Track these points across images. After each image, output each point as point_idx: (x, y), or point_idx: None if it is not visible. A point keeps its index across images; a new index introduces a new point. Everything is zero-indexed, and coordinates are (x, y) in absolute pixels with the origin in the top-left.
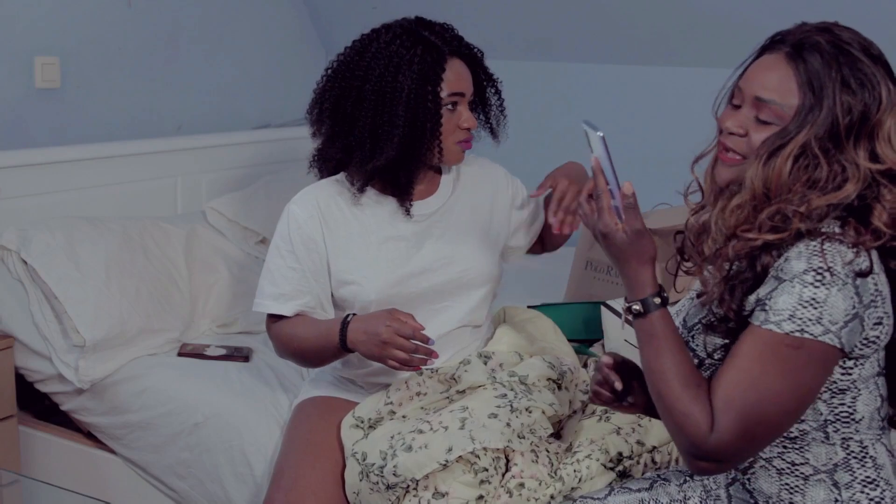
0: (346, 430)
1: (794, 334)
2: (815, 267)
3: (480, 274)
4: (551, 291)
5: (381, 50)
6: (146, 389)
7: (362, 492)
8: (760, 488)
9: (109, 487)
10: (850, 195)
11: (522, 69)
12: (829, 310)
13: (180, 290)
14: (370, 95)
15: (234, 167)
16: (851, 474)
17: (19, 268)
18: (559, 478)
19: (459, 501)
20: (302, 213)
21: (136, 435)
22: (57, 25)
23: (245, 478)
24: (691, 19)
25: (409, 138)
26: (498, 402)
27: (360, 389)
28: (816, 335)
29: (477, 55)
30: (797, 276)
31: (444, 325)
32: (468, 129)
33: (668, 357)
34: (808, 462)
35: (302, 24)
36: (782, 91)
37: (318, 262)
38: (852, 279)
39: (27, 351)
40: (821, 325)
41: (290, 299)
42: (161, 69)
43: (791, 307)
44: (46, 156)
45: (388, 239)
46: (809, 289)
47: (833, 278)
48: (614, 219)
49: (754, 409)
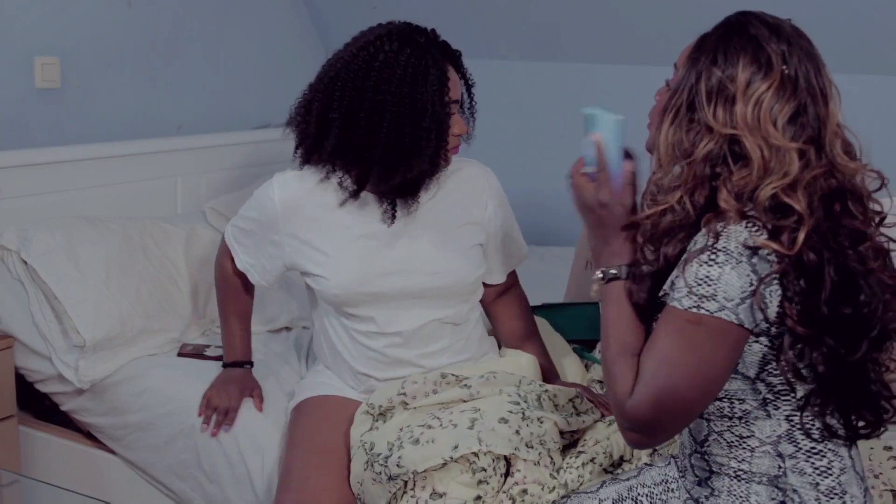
0: (358, 416)
1: (692, 310)
2: (710, 245)
3: (451, 281)
4: (551, 292)
5: (389, 61)
6: (146, 390)
7: (365, 482)
8: (714, 457)
9: (109, 487)
10: (698, 156)
11: (522, 69)
12: (723, 287)
13: (180, 290)
14: (392, 108)
15: (234, 167)
16: (795, 445)
17: (19, 268)
18: (563, 483)
19: (457, 502)
20: (278, 194)
21: (135, 436)
22: (57, 25)
23: (243, 479)
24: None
25: (435, 150)
26: (510, 408)
27: (357, 386)
28: (712, 311)
29: (461, 65)
30: (694, 254)
31: (415, 320)
32: (458, 135)
33: (620, 323)
34: (753, 435)
35: (302, 24)
36: (682, 61)
37: (267, 239)
38: (747, 257)
39: (27, 351)
40: (716, 301)
41: (244, 251)
42: (161, 69)
43: (689, 285)
44: (46, 156)
45: (361, 236)
46: (704, 267)
47: (725, 256)
48: (611, 191)
49: (665, 383)
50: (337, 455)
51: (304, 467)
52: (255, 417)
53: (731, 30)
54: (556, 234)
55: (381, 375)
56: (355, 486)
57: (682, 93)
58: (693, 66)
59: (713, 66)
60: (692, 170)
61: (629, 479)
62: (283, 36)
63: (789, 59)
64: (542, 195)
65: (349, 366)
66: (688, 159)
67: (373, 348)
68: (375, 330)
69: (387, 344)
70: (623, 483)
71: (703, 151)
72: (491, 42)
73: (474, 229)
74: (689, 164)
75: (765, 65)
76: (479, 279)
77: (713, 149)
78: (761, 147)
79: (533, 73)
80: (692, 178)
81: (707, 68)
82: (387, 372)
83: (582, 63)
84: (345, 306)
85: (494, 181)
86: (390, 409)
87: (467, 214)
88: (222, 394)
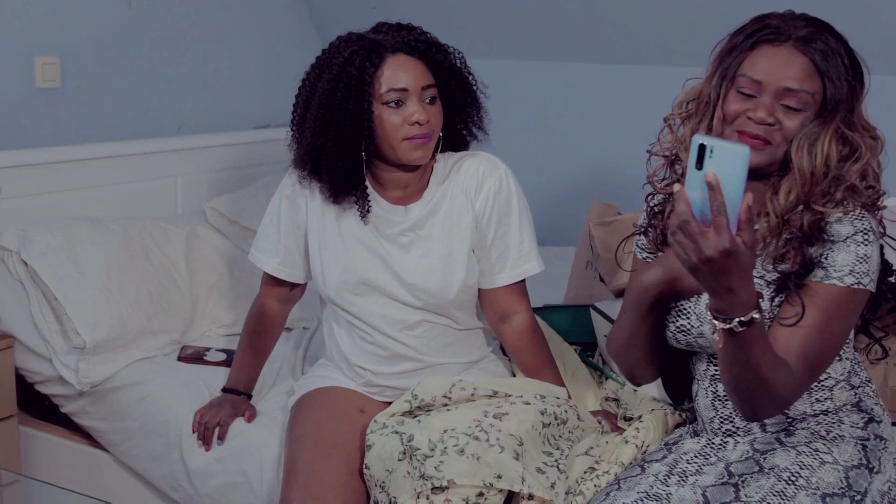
0: (398, 402)
1: (854, 286)
2: (861, 229)
3: (436, 299)
4: (551, 292)
5: (321, 61)
6: (146, 397)
7: (396, 471)
8: (794, 407)
9: (109, 487)
10: (869, 160)
11: (522, 69)
12: (872, 264)
13: (180, 291)
14: (315, 108)
15: (234, 167)
16: (858, 377)
17: (19, 268)
18: (579, 491)
19: (460, 496)
20: (290, 183)
21: (134, 442)
22: (57, 25)
23: (241, 487)
24: (691, 19)
25: (369, 143)
26: (545, 459)
27: (356, 379)
28: (866, 285)
29: (430, 48)
30: (849, 237)
31: (409, 316)
32: (417, 123)
33: (763, 348)
34: (829, 376)
35: (302, 23)
36: (807, 80)
37: (291, 223)
38: (877, 237)
39: (27, 352)
40: (868, 276)
41: (270, 254)
42: (161, 69)
43: (850, 263)
44: (46, 156)
45: (356, 241)
46: (862, 247)
47: (873, 235)
48: (733, 234)
49: (820, 354)
50: (343, 449)
51: (310, 462)
52: (253, 427)
53: (834, 44)
54: (557, 234)
55: (377, 369)
56: (381, 472)
57: (838, 113)
58: (836, 84)
59: (849, 79)
60: (846, 175)
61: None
62: (283, 36)
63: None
64: (543, 195)
65: (346, 358)
66: (854, 163)
67: (368, 341)
68: (370, 324)
69: (381, 339)
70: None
71: (867, 159)
72: (491, 42)
73: (464, 234)
74: (854, 164)
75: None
76: (466, 290)
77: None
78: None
79: (532, 72)
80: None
81: (846, 82)
82: (383, 366)
83: (581, 63)
84: (334, 302)
85: (495, 176)
86: (431, 406)
87: (459, 217)
88: (214, 410)
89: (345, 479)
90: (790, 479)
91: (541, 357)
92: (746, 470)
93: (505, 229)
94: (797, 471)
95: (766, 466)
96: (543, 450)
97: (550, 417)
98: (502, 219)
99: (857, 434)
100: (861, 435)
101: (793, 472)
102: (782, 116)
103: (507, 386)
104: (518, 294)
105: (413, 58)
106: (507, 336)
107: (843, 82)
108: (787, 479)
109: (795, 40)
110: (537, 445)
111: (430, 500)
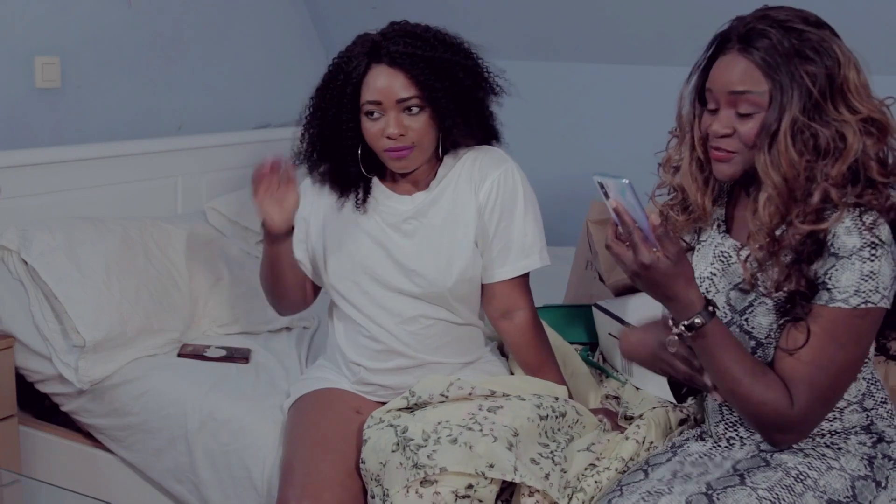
0: (396, 399)
1: (860, 307)
2: (870, 242)
3: (435, 288)
4: (552, 292)
5: (335, 57)
6: (146, 392)
7: (389, 463)
8: None
9: (109, 487)
10: (858, 148)
11: (522, 69)
12: (882, 279)
13: (180, 291)
14: (314, 109)
15: (234, 167)
16: (872, 398)
17: (19, 268)
18: (580, 488)
19: (449, 488)
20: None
21: (136, 437)
22: (57, 25)
23: (243, 482)
24: (691, 19)
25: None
26: (540, 450)
27: (350, 377)
28: (876, 303)
29: (411, 61)
30: (854, 252)
31: (407, 308)
32: (390, 137)
33: (731, 357)
34: (842, 398)
35: (302, 24)
36: (751, 80)
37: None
38: (891, 244)
39: (27, 351)
40: (878, 293)
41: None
42: (161, 69)
43: (855, 283)
44: (46, 156)
45: (361, 230)
46: (867, 263)
47: (882, 249)
48: (651, 249)
49: (833, 381)
50: (339, 447)
51: (306, 461)
52: (254, 421)
53: (778, 33)
54: (556, 234)
55: (370, 365)
56: (376, 465)
57: (791, 105)
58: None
59: (805, 65)
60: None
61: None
62: (283, 36)
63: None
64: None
65: (342, 353)
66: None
67: (364, 335)
68: (367, 315)
69: (377, 331)
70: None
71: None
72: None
73: (468, 224)
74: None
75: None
76: (466, 281)
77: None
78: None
79: (533, 72)
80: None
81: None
82: (376, 362)
83: (581, 63)
84: (334, 287)
85: (501, 169)
86: (427, 403)
87: (464, 207)
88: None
89: (341, 476)
90: (798, 476)
91: (542, 354)
92: (753, 465)
93: (508, 222)
94: (805, 471)
95: (774, 463)
96: (539, 441)
97: (548, 410)
98: (505, 212)
99: (864, 451)
100: (868, 452)
101: (801, 472)
102: (737, 124)
103: (506, 385)
104: (520, 290)
105: (394, 69)
106: (508, 333)
107: (795, 73)
108: (795, 476)
109: (738, 43)
110: (533, 437)
111: (419, 493)
